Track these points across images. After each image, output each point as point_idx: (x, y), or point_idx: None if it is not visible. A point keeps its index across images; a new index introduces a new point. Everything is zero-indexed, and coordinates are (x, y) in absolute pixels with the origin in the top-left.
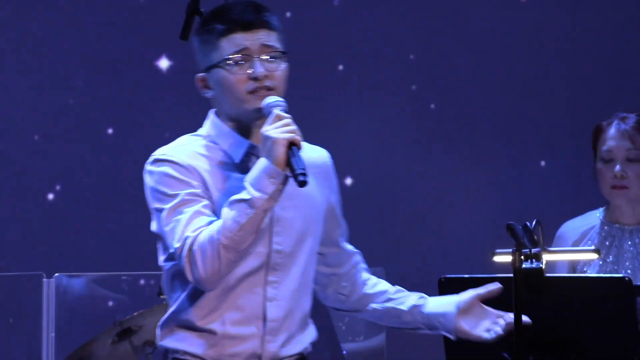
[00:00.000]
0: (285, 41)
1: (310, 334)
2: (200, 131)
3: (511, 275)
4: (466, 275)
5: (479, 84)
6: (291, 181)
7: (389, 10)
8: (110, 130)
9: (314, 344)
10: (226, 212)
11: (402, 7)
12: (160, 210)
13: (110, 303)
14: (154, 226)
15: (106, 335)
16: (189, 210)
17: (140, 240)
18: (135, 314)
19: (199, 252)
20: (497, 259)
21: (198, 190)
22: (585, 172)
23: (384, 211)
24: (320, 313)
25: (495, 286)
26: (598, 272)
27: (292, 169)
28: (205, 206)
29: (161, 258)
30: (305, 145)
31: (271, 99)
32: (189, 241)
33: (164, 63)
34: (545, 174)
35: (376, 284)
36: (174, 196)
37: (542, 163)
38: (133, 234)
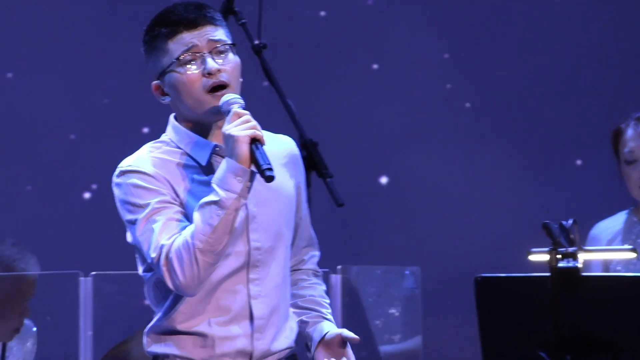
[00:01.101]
0: (232, 35)
1: (295, 325)
2: (163, 137)
3: (547, 274)
4: (502, 275)
5: (514, 83)
6: (259, 176)
7: (423, 10)
8: (145, 130)
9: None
10: (197, 216)
11: (436, 6)
12: (133, 222)
13: (147, 301)
14: (129, 237)
15: (142, 334)
16: (161, 218)
17: None
18: None
19: (176, 259)
20: (533, 258)
21: (168, 197)
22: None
23: (419, 210)
24: (357, 312)
25: (354, 338)
26: (633, 271)
27: (257, 165)
28: (176, 212)
29: (140, 268)
30: (270, 136)
31: (227, 97)
32: (165, 249)
33: None
34: (582, 173)
35: (305, 287)
36: (145, 206)
37: (579, 162)
38: None
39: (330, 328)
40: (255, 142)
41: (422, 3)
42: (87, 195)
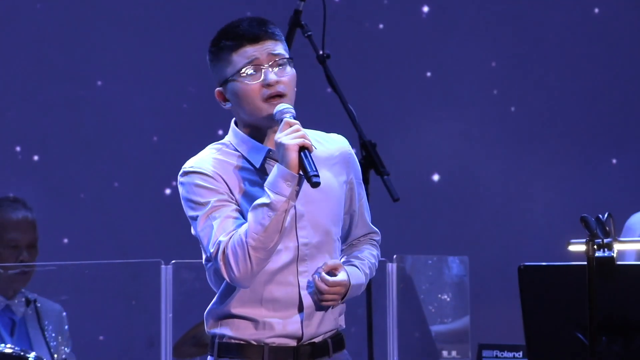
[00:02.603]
0: (298, 46)
1: (341, 309)
2: (225, 139)
3: (585, 263)
4: (544, 263)
5: (555, 88)
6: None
7: (472, 22)
8: (220, 131)
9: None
10: (251, 216)
11: (484, 18)
12: (194, 218)
13: None
14: (193, 231)
15: None
16: (219, 216)
17: None
18: None
19: (231, 255)
20: (572, 248)
21: (225, 196)
22: None
23: (469, 205)
24: (411, 298)
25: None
26: None
27: (305, 171)
28: (233, 210)
29: (203, 256)
30: (322, 136)
31: (281, 107)
32: (222, 245)
33: None
34: (617, 170)
35: (352, 246)
36: (205, 204)
37: (614, 161)
38: None
39: (344, 272)
40: (304, 149)
41: (471, 16)
42: (167, 191)
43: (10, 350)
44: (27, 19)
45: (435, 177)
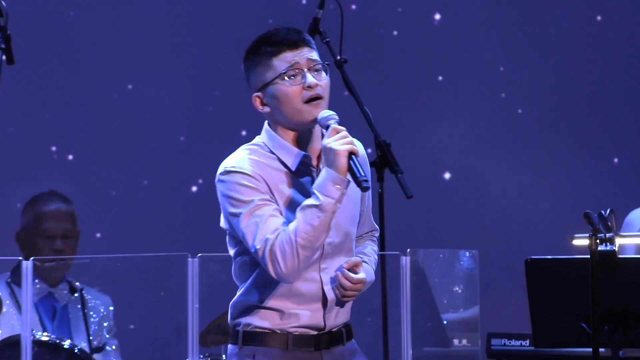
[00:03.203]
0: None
1: (351, 302)
2: (257, 141)
3: (588, 256)
4: (549, 257)
5: (559, 91)
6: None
7: (482, 29)
8: (244, 132)
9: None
10: (300, 216)
11: (492, 25)
12: (236, 215)
13: None
14: (222, 224)
15: None
16: (263, 214)
17: None
18: None
19: (279, 252)
20: (576, 242)
21: (267, 196)
22: None
23: (478, 202)
24: (424, 290)
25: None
26: None
27: (355, 177)
28: (274, 210)
29: (231, 251)
30: None
31: (325, 113)
32: (269, 243)
33: None
34: (618, 169)
35: (357, 246)
36: (249, 202)
37: (615, 160)
38: None
39: (363, 270)
40: (352, 155)
41: (480, 24)
42: (194, 188)
43: (46, 339)
44: (62, 27)
45: (447, 176)
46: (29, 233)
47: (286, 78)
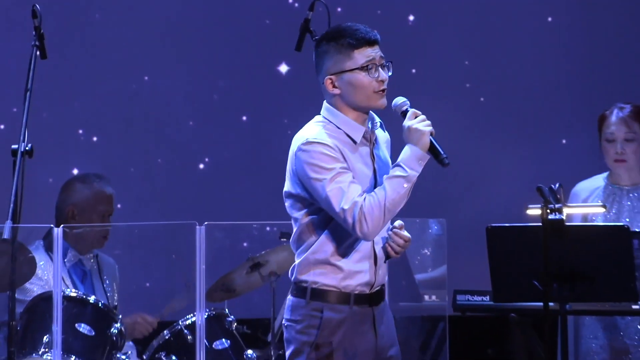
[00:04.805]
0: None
1: None
2: (320, 119)
3: (540, 224)
4: (507, 224)
5: (517, 82)
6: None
7: (450, 28)
8: (244, 118)
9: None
10: (388, 184)
11: (459, 25)
12: (319, 180)
13: (245, 244)
14: (289, 188)
15: (242, 268)
16: (345, 180)
17: (265, 198)
18: (263, 252)
19: (368, 213)
20: (530, 212)
21: (345, 165)
22: (594, 147)
23: (447, 177)
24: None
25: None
26: (604, 222)
27: (436, 153)
28: (352, 176)
29: (299, 213)
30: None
31: (400, 100)
32: (359, 204)
33: (283, 68)
34: (566, 149)
35: None
36: (331, 169)
37: (564, 141)
38: (262, 194)
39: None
40: (432, 135)
41: (448, 24)
42: (201, 165)
43: (74, 294)
44: (88, 27)
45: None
46: (83, 209)
47: (364, 69)
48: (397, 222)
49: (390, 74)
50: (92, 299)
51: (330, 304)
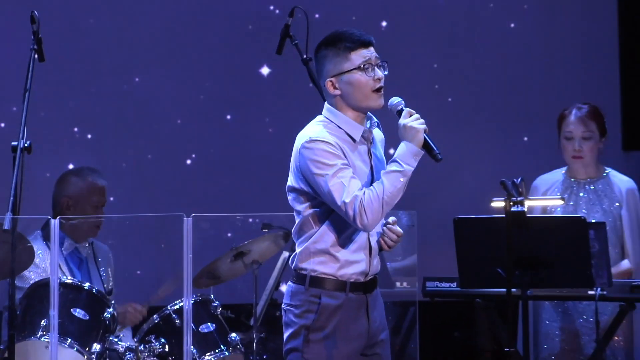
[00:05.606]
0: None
1: None
2: (321, 119)
3: (504, 216)
4: (472, 216)
5: (481, 84)
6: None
7: (419, 33)
8: (228, 116)
9: None
10: (385, 179)
11: (428, 31)
12: (322, 175)
13: (229, 234)
14: (292, 182)
15: (226, 256)
16: (346, 176)
17: (248, 192)
18: (246, 242)
19: (367, 206)
20: (494, 204)
21: (345, 161)
22: (553, 144)
23: (417, 171)
24: None
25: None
26: (562, 213)
27: (430, 149)
28: (352, 172)
29: (301, 206)
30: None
31: (395, 100)
32: (359, 197)
33: (265, 70)
34: (527, 145)
35: None
36: (333, 165)
37: (525, 138)
38: (245, 187)
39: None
40: (425, 133)
41: (418, 29)
42: (188, 161)
43: (70, 281)
44: (83, 32)
45: (391, 151)
46: (77, 200)
47: (361, 70)
48: (391, 218)
49: (386, 73)
50: (86, 285)
51: (327, 290)
